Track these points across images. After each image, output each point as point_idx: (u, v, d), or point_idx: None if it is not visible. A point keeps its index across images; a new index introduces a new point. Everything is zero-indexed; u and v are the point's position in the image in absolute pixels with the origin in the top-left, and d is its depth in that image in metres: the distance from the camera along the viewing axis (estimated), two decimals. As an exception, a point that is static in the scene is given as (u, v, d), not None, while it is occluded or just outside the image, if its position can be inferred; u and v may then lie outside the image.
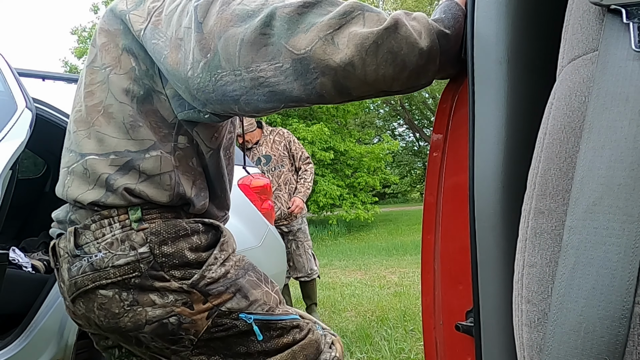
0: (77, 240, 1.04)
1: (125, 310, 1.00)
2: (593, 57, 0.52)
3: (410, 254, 7.67)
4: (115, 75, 1.04)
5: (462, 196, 0.84)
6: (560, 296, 0.47)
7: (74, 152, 1.07)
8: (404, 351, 2.84)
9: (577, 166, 0.49)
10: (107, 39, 1.06)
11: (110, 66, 1.04)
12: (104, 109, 1.04)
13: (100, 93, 1.05)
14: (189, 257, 1.02)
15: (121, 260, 0.99)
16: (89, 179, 1.03)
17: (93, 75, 1.07)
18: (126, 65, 1.03)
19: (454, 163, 0.95)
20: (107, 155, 1.03)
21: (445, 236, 0.97)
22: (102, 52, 1.06)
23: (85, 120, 1.06)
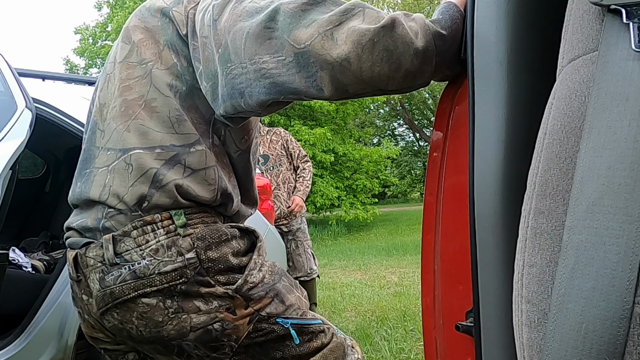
0: (116, 248, 1.00)
1: (170, 318, 0.99)
2: (593, 57, 0.52)
3: (410, 254, 7.67)
4: (158, 70, 1.04)
5: (462, 196, 0.84)
6: (560, 296, 0.47)
7: (113, 150, 1.04)
8: (404, 351, 2.84)
9: (577, 166, 0.49)
10: (145, 35, 1.06)
11: (152, 61, 1.04)
12: (145, 103, 1.03)
13: (140, 87, 1.04)
14: (232, 262, 1.02)
15: (168, 266, 0.97)
16: (132, 174, 1.01)
17: (130, 70, 1.06)
18: (167, 61, 1.04)
19: (454, 163, 0.95)
20: (153, 149, 1.01)
21: (445, 236, 0.97)
22: (140, 48, 1.06)
23: (124, 114, 1.04)
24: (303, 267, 3.65)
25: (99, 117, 1.10)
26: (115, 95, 1.07)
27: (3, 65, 1.93)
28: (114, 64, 1.11)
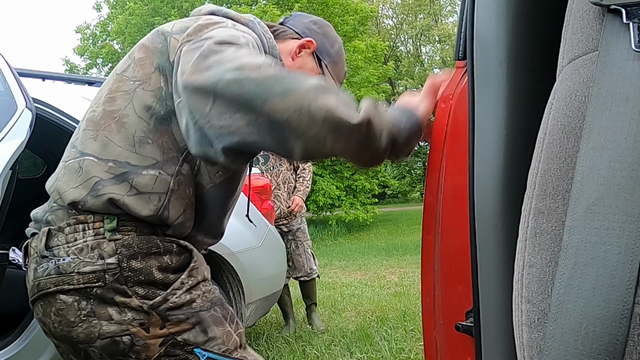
0: (49, 242, 1.02)
1: (81, 320, 0.99)
2: (593, 57, 0.52)
3: (410, 254, 7.67)
4: (142, 91, 1.05)
5: (462, 196, 0.84)
6: (560, 296, 0.47)
7: (76, 149, 1.07)
8: (404, 351, 2.84)
9: (577, 166, 0.49)
10: (145, 54, 1.07)
11: (140, 81, 1.05)
12: (119, 117, 1.05)
13: (121, 102, 1.05)
14: (156, 276, 1.01)
15: (87, 267, 0.98)
16: (79, 177, 1.03)
17: (120, 83, 1.08)
18: (155, 84, 1.04)
19: (454, 163, 0.95)
20: (106, 162, 1.03)
21: (445, 236, 0.97)
22: (137, 66, 1.07)
23: (97, 122, 1.06)
24: (303, 267, 3.65)
25: (84, 116, 1.13)
26: (100, 102, 1.09)
27: (3, 65, 1.93)
28: (114, 73, 1.14)
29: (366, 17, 14.07)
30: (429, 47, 24.68)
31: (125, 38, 13.40)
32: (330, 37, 1.27)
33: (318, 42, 1.23)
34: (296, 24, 1.25)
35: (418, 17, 22.88)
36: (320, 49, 1.24)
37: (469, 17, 0.82)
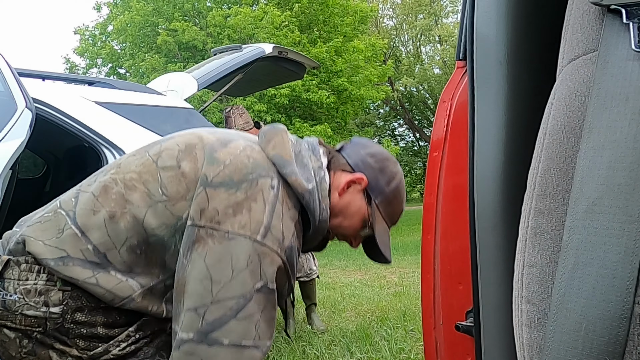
0: (4, 272, 1.00)
1: (22, 357, 0.98)
2: (593, 57, 0.52)
3: (410, 254, 7.67)
4: (164, 208, 1.00)
5: (462, 196, 0.84)
6: (560, 296, 0.47)
7: (73, 212, 1.02)
8: (404, 351, 2.84)
9: (577, 166, 0.49)
10: (190, 171, 1.02)
11: (168, 199, 1.00)
12: (129, 212, 1.00)
13: (140, 200, 1.01)
14: (99, 331, 0.99)
15: (30, 311, 0.96)
16: (55, 239, 0.99)
17: (151, 178, 1.03)
18: (179, 211, 1.00)
19: (454, 163, 0.95)
20: (87, 243, 0.99)
21: (445, 236, 0.97)
22: (175, 178, 1.02)
23: (108, 199, 1.02)
24: (303, 267, 3.66)
25: (101, 178, 1.08)
26: (125, 176, 1.04)
27: (3, 65, 1.93)
28: (146, 153, 1.08)
29: (366, 17, 14.08)
30: (429, 47, 24.71)
31: (126, 37, 13.39)
32: (388, 173, 1.16)
33: (371, 179, 1.14)
34: (351, 155, 1.16)
35: (418, 17, 22.89)
36: (372, 186, 1.14)
37: (469, 17, 0.82)
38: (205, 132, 1.12)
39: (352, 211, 1.14)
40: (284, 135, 1.10)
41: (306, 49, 11.63)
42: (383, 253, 1.17)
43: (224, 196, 0.98)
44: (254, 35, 11.25)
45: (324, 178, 1.09)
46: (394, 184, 1.17)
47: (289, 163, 1.04)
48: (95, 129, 2.25)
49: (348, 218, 1.15)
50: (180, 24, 11.63)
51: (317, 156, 1.12)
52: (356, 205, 1.14)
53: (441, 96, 0.99)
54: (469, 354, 0.91)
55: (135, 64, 12.98)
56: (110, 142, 2.26)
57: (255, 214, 0.97)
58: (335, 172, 1.14)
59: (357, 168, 1.14)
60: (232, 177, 0.99)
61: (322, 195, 1.07)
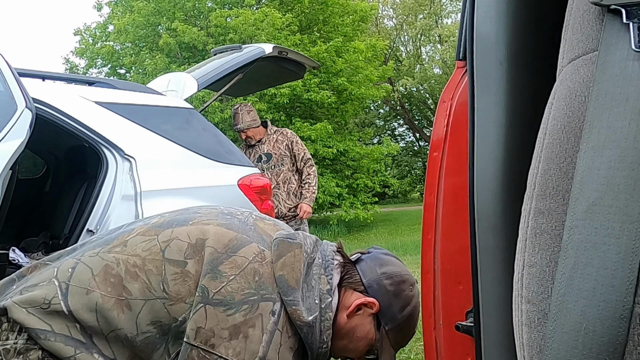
0: None
1: None
2: (593, 57, 0.52)
3: (410, 254, 7.66)
4: (162, 306, 0.98)
5: (462, 196, 0.84)
6: (560, 296, 0.47)
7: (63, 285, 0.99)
8: (404, 351, 2.83)
9: (577, 166, 0.49)
10: (194, 273, 1.00)
11: (168, 298, 0.98)
12: (125, 301, 0.98)
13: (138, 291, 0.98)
14: None
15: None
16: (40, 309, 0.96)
17: (154, 268, 1.00)
18: (177, 313, 0.98)
19: (454, 163, 0.95)
20: (74, 323, 0.97)
21: (445, 236, 0.97)
22: (179, 278, 0.99)
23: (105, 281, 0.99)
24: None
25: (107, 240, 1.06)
26: (124, 255, 1.02)
27: (3, 65, 1.93)
28: (156, 236, 1.04)
29: (366, 16, 14.08)
30: (429, 47, 24.71)
31: (127, 37, 13.39)
32: (403, 298, 1.09)
33: (384, 304, 1.07)
34: (367, 272, 1.09)
35: (418, 17, 22.90)
36: (383, 312, 1.07)
37: (469, 17, 0.82)
38: (221, 224, 1.07)
39: (358, 336, 1.10)
40: (297, 252, 1.04)
41: (306, 49, 11.63)
42: None
43: (221, 317, 0.95)
44: (255, 37, 11.25)
45: (330, 305, 1.04)
46: (408, 310, 1.10)
47: (292, 291, 1.00)
48: (95, 129, 2.25)
49: (354, 342, 1.11)
50: (181, 25, 11.62)
51: (328, 276, 1.06)
52: (364, 330, 1.09)
53: (441, 96, 0.99)
54: (469, 354, 0.91)
55: (137, 62, 12.98)
56: (110, 142, 2.26)
57: (252, 343, 0.95)
58: (346, 290, 1.09)
59: (370, 290, 1.07)
60: (233, 296, 0.97)
61: (324, 326, 1.03)
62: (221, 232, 1.05)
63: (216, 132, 2.75)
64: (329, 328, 1.04)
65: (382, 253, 1.16)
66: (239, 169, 2.61)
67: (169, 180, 2.36)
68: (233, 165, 2.61)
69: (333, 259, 1.09)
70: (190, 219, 1.09)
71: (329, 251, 1.11)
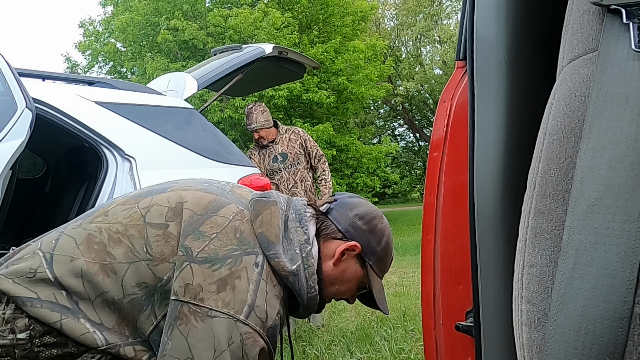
0: None
1: None
2: (593, 57, 0.52)
3: (410, 254, 7.66)
4: (146, 267, 1.00)
5: (462, 196, 0.84)
6: (560, 296, 0.47)
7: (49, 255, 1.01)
8: (404, 351, 2.84)
9: (577, 166, 0.49)
10: (176, 234, 1.02)
11: (152, 258, 1.01)
12: (108, 266, 1.00)
13: (122, 255, 1.01)
14: (71, 349, 0.98)
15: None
16: (29, 278, 0.98)
17: (136, 232, 1.02)
18: (161, 272, 1.00)
19: (454, 163, 0.95)
20: (61, 291, 0.98)
21: (445, 236, 0.97)
22: (162, 239, 1.02)
23: (89, 249, 1.01)
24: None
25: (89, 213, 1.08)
26: (106, 224, 1.04)
27: (3, 65, 1.93)
28: (137, 204, 1.08)
29: (366, 16, 14.08)
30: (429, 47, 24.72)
31: (127, 37, 13.39)
32: (377, 232, 1.17)
33: (363, 243, 1.14)
34: (340, 219, 1.15)
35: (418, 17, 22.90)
36: (365, 250, 1.15)
37: (469, 17, 0.82)
38: (199, 189, 1.11)
39: (348, 277, 1.16)
40: (273, 209, 1.09)
41: (306, 49, 11.63)
42: (381, 308, 1.20)
43: (207, 272, 0.98)
44: (254, 37, 11.25)
45: (311, 253, 1.09)
46: (384, 241, 1.18)
47: (273, 245, 1.04)
48: (95, 129, 2.25)
49: (345, 284, 1.17)
50: (181, 22, 11.61)
51: (303, 227, 1.11)
52: (352, 270, 1.16)
53: (441, 96, 0.99)
54: (469, 354, 0.91)
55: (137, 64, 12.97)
56: (110, 142, 2.26)
57: (239, 292, 0.97)
58: (325, 240, 1.14)
59: (348, 234, 1.14)
60: (217, 252, 1.00)
61: (308, 272, 1.08)
62: (200, 195, 1.09)
63: (216, 132, 2.75)
64: (313, 273, 1.08)
65: (347, 197, 1.23)
66: (239, 169, 2.61)
67: (169, 180, 2.35)
68: (233, 165, 2.61)
69: (305, 212, 1.15)
70: (168, 187, 1.14)
71: (300, 205, 1.16)
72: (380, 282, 1.21)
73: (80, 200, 2.55)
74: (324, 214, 1.18)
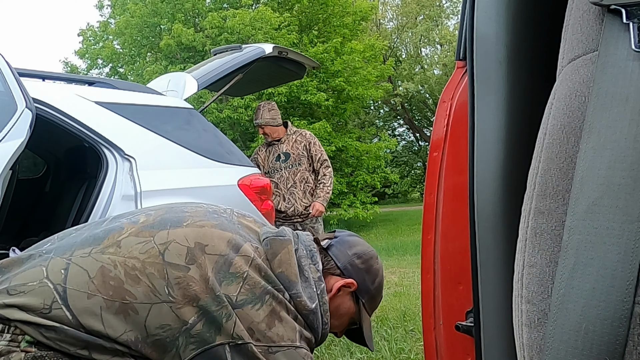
0: None
1: None
2: (593, 57, 0.52)
3: (410, 254, 7.66)
4: (169, 309, 0.98)
5: (461, 196, 0.84)
6: (560, 296, 0.47)
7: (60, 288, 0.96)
8: (404, 351, 2.84)
9: (577, 166, 0.49)
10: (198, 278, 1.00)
11: (175, 301, 0.98)
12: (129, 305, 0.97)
13: (142, 295, 0.98)
14: None
15: None
16: (45, 315, 0.95)
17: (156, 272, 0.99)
18: (185, 316, 0.98)
19: (454, 163, 0.95)
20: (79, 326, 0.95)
21: (445, 236, 0.97)
22: (183, 282, 0.99)
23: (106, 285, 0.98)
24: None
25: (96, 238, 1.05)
26: (121, 257, 1.01)
27: (3, 65, 1.93)
28: (152, 238, 1.04)
29: (366, 16, 14.07)
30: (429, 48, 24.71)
31: (125, 39, 13.38)
32: (373, 272, 1.23)
33: (359, 281, 1.20)
34: (339, 256, 1.21)
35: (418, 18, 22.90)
36: (360, 288, 1.21)
37: (468, 17, 0.82)
38: (214, 226, 1.10)
39: (342, 312, 1.22)
40: (289, 249, 1.11)
41: (305, 50, 11.62)
42: (368, 345, 1.27)
43: (253, 313, 1.01)
44: (252, 37, 11.24)
45: (324, 289, 1.14)
46: (377, 281, 1.25)
47: (294, 284, 1.08)
48: (95, 129, 2.25)
49: (338, 319, 1.22)
50: (179, 26, 11.60)
51: (315, 265, 1.15)
52: (346, 306, 1.22)
53: (441, 96, 0.99)
54: (469, 354, 0.91)
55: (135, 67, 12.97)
56: (110, 142, 2.26)
57: (287, 323, 1.04)
58: (326, 275, 1.18)
59: (346, 271, 1.20)
60: (253, 292, 1.02)
61: (323, 310, 1.13)
62: (218, 234, 1.07)
63: (216, 132, 2.75)
64: (327, 310, 1.14)
65: (347, 235, 1.29)
66: (239, 169, 2.61)
67: (169, 180, 2.36)
68: (233, 165, 2.61)
69: (313, 247, 1.19)
70: (182, 219, 1.10)
71: (308, 241, 1.20)
72: (369, 319, 1.27)
73: (80, 200, 2.55)
74: (324, 249, 1.22)
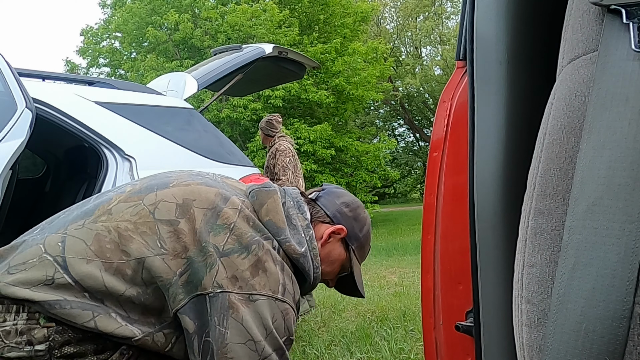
0: None
1: None
2: (593, 57, 0.52)
3: (410, 254, 7.66)
4: (161, 261, 1.00)
5: (462, 196, 0.84)
6: (560, 296, 0.47)
7: (62, 259, 0.98)
8: (404, 351, 2.84)
9: (577, 166, 0.49)
10: (188, 230, 1.03)
11: (167, 253, 1.01)
12: (125, 263, 1.00)
13: (136, 251, 1.01)
14: (89, 358, 0.98)
15: (12, 353, 0.93)
16: (44, 284, 0.96)
17: (146, 229, 1.03)
18: (175, 266, 1.01)
19: (454, 163, 0.95)
20: (82, 290, 0.97)
21: (445, 236, 0.97)
22: (173, 234, 1.03)
23: (103, 248, 1.01)
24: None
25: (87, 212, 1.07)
26: (113, 222, 1.04)
27: (3, 65, 1.93)
28: (141, 201, 1.07)
29: (367, 17, 14.06)
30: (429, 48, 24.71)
31: (124, 37, 13.39)
32: (361, 220, 1.28)
33: (348, 228, 1.24)
34: (328, 205, 1.26)
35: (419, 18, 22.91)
36: (349, 235, 1.25)
37: (469, 17, 0.82)
38: (200, 184, 1.13)
39: (333, 259, 1.25)
40: (275, 198, 1.15)
41: (306, 49, 11.62)
42: (360, 290, 1.31)
43: (238, 261, 1.02)
44: (253, 33, 11.22)
45: (312, 236, 1.17)
46: (366, 229, 1.30)
47: (282, 230, 1.11)
48: (95, 129, 2.25)
49: (330, 265, 1.25)
50: (174, 16, 11.54)
51: (303, 213, 1.19)
52: (337, 252, 1.25)
53: (441, 96, 0.99)
54: (469, 354, 0.91)
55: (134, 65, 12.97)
56: (110, 142, 2.26)
57: (272, 274, 1.04)
58: (316, 224, 1.23)
59: (335, 219, 1.24)
60: (240, 241, 1.05)
61: (313, 254, 1.16)
62: (204, 189, 1.11)
63: (217, 132, 2.75)
64: (317, 255, 1.17)
65: (334, 187, 1.34)
66: (239, 169, 2.61)
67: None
68: (233, 165, 2.61)
69: (300, 198, 1.23)
70: (169, 182, 1.14)
71: (294, 193, 1.24)
72: (359, 267, 1.31)
73: (80, 200, 2.55)
74: (313, 200, 1.27)
